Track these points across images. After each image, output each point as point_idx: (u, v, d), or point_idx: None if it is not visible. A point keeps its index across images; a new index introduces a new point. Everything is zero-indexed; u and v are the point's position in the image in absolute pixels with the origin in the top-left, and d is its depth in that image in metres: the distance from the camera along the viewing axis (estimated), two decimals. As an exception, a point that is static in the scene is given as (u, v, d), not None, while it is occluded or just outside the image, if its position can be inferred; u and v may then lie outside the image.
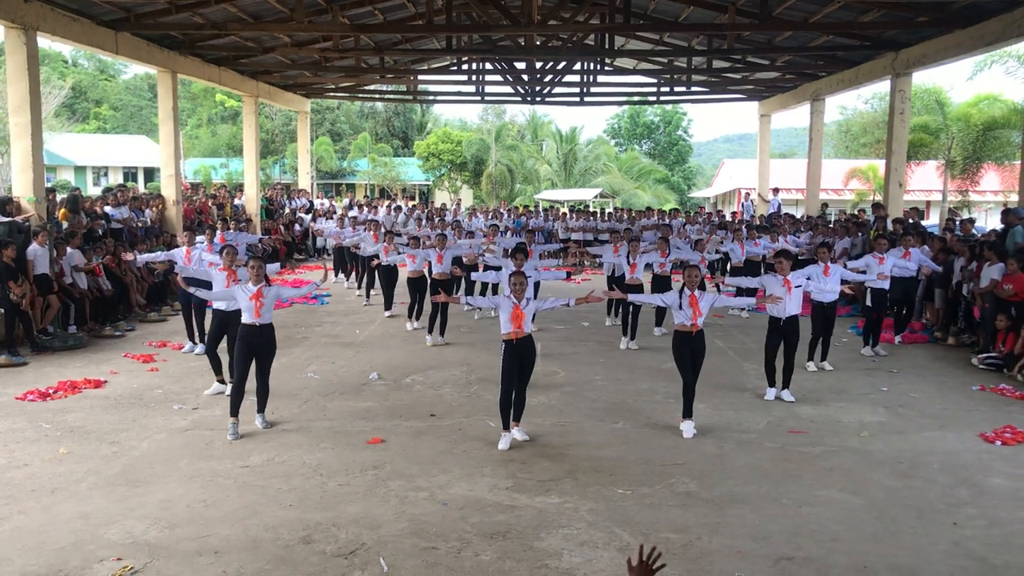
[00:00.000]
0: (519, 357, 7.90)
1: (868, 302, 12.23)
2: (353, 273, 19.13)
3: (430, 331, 12.85)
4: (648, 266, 13.13)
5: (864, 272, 11.78)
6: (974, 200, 35.81)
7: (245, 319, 8.26)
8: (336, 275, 19.60)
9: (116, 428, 8.33)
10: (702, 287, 9.04)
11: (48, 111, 38.22)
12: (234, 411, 8.17)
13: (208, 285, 9.76)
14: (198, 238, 13.26)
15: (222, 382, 9.66)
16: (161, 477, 6.98)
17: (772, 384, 9.78)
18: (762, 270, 14.76)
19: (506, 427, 7.98)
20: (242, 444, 7.87)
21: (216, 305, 9.49)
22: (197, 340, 11.87)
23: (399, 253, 14.28)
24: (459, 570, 5.43)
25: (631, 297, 9.48)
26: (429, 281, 13.41)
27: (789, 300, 9.53)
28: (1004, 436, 8.25)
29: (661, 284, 13.09)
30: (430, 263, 13.37)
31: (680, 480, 7.03)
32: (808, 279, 10.23)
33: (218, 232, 15.52)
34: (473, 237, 16.08)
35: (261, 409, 8.45)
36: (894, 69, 17.93)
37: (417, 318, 13.94)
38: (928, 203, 37.96)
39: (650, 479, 7.05)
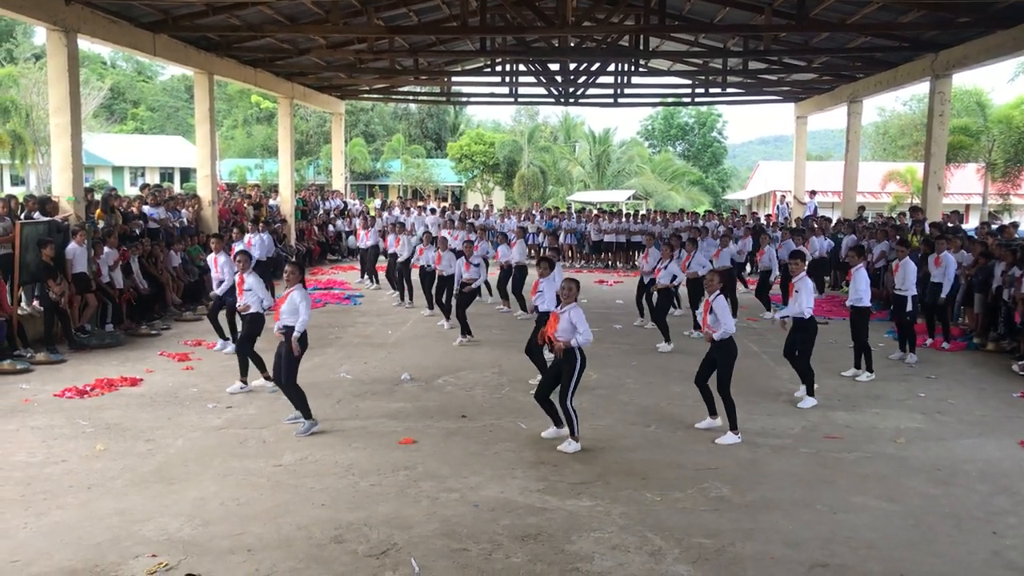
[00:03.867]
0: (558, 364, 7.89)
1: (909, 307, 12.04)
2: (377, 276, 19.23)
3: (463, 332, 12.92)
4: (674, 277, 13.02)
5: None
6: (1015, 203, 35.25)
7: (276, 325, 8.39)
8: (362, 278, 19.68)
9: (151, 426, 8.43)
10: (723, 293, 8.78)
11: (87, 112, 38.89)
12: (303, 408, 8.31)
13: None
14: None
15: (244, 383, 9.80)
16: (195, 475, 7.05)
17: (811, 394, 9.63)
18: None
19: (557, 422, 8.13)
20: (275, 443, 7.92)
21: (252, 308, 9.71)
22: (228, 335, 11.97)
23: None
24: (490, 572, 5.42)
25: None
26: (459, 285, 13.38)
27: (792, 302, 9.36)
28: (1045, 444, 8.10)
29: (698, 286, 13.10)
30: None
31: (713, 485, 6.97)
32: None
33: (247, 235, 15.64)
34: (506, 239, 16.07)
35: (306, 417, 8.42)
36: (933, 70, 17.67)
37: (447, 317, 14.03)
38: (968, 207, 37.37)
39: (682, 483, 7.00)
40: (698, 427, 8.53)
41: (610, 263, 24.87)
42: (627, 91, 26.24)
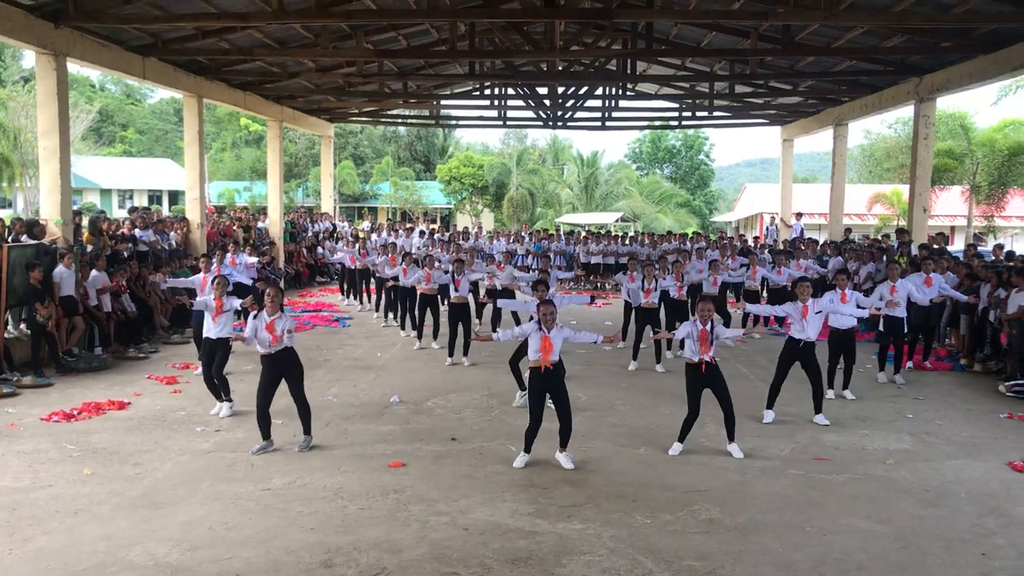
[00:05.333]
0: (546, 386, 7.92)
1: (881, 327, 12.12)
2: (369, 296, 19.25)
3: (451, 352, 12.95)
4: (665, 292, 13.14)
5: (881, 299, 11.64)
6: (1000, 225, 35.54)
7: (261, 350, 8.31)
8: (347, 297, 19.73)
9: (139, 450, 8.38)
10: (721, 313, 8.96)
11: (76, 135, 38.86)
12: (265, 435, 8.37)
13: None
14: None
15: (220, 401, 9.84)
16: (183, 499, 7.00)
17: (771, 406, 9.84)
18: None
19: (527, 450, 8.01)
20: (263, 467, 7.89)
21: (205, 331, 9.78)
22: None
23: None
24: (480, 596, 5.39)
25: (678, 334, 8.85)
26: (448, 304, 13.42)
27: (808, 325, 9.54)
28: (1033, 465, 8.13)
29: (677, 309, 13.21)
30: (446, 286, 13.44)
31: (703, 507, 6.97)
32: (831, 302, 10.19)
33: (228, 254, 15.43)
34: (494, 261, 16.11)
35: (307, 431, 8.51)
36: (918, 94, 17.88)
37: (434, 337, 14.05)
38: (953, 228, 37.67)
39: (672, 506, 7.00)
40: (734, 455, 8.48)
41: (599, 284, 24.91)
42: (615, 114, 26.45)
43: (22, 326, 12.24)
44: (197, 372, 12.01)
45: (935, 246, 16.40)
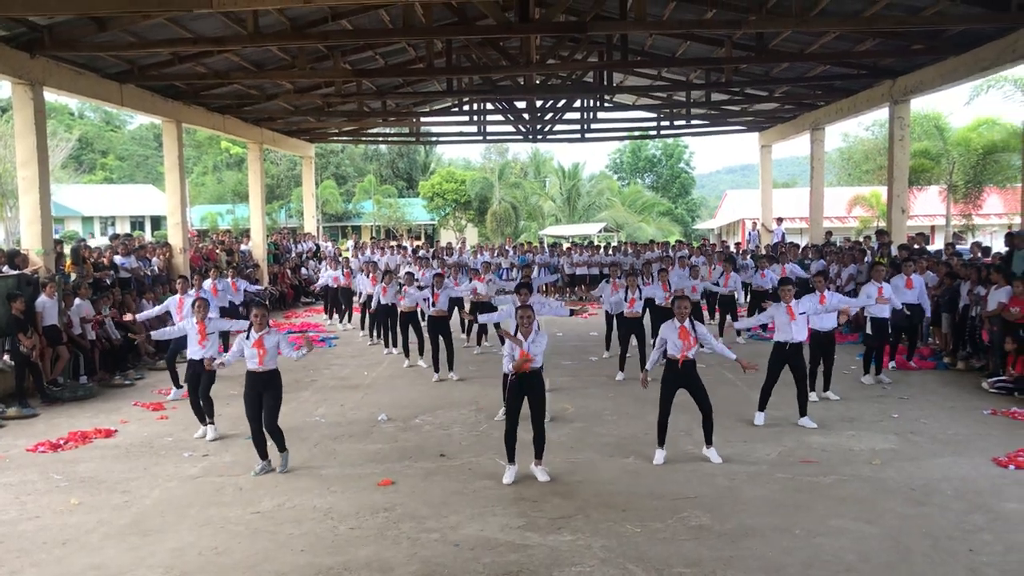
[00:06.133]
0: (523, 391, 7.95)
1: (868, 330, 12.19)
2: (351, 315, 19.28)
3: (436, 368, 12.98)
4: (650, 300, 13.19)
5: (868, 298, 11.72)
6: (978, 224, 35.82)
7: (249, 366, 8.32)
8: (331, 317, 19.75)
9: (127, 477, 8.34)
10: (695, 318, 8.94)
11: (55, 163, 38.63)
12: (262, 455, 8.39)
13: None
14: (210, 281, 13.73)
15: (204, 424, 9.85)
16: (172, 525, 6.98)
17: (763, 408, 9.93)
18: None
19: (511, 460, 8.03)
20: (252, 490, 7.87)
21: (190, 353, 9.71)
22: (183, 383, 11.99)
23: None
24: (472, 611, 5.40)
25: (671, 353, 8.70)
26: (427, 318, 13.47)
27: (794, 327, 9.61)
28: (1018, 460, 8.20)
29: (666, 317, 13.22)
30: (426, 301, 13.49)
31: (692, 514, 7.00)
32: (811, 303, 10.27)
33: (209, 280, 15.28)
34: (478, 275, 16.16)
35: (281, 449, 8.49)
36: (892, 96, 18.06)
37: (420, 354, 14.08)
38: (932, 228, 37.93)
39: (662, 514, 7.02)
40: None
41: (584, 296, 24.97)
42: (594, 126, 26.56)
43: (6, 357, 12.16)
44: (169, 396, 12.00)
45: (915, 246, 16.54)
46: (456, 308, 14.40)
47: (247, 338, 8.36)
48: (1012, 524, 6.66)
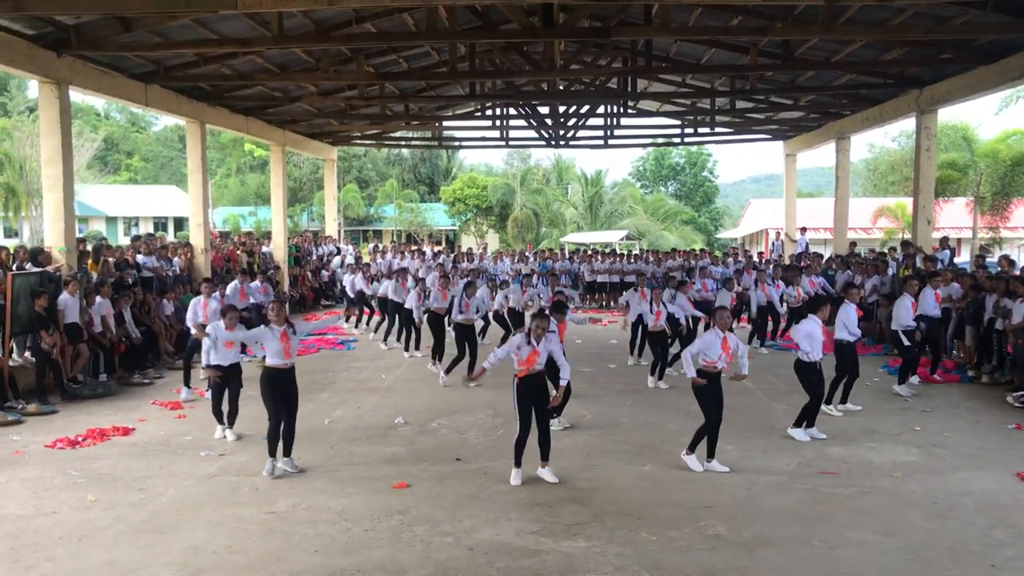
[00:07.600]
0: (532, 394, 7.99)
1: (906, 341, 12.00)
2: (371, 317, 19.21)
3: (447, 371, 13.02)
4: (671, 315, 13.06)
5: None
6: (1005, 236, 35.45)
7: (274, 362, 8.32)
8: (347, 321, 19.72)
9: (143, 475, 8.36)
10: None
11: (80, 163, 39.12)
12: (272, 453, 8.34)
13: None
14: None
15: (222, 424, 9.85)
16: (187, 524, 6.98)
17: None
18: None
19: (517, 463, 8.07)
20: (268, 490, 7.86)
21: (213, 360, 9.57)
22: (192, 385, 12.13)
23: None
24: (484, 616, 5.35)
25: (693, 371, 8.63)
26: (454, 325, 13.45)
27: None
28: (1042, 475, 8.07)
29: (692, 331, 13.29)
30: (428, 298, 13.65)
31: (709, 523, 6.93)
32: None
33: (233, 283, 15.43)
34: (496, 285, 16.21)
35: (287, 453, 8.46)
36: (919, 106, 17.86)
37: (438, 358, 14.04)
38: (959, 240, 37.59)
39: (678, 522, 6.95)
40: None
41: (604, 303, 24.89)
42: (617, 133, 26.45)
43: (27, 353, 12.27)
44: (181, 396, 12.01)
45: (935, 254, 16.36)
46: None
47: (270, 329, 8.34)
48: (1036, 540, 6.54)
